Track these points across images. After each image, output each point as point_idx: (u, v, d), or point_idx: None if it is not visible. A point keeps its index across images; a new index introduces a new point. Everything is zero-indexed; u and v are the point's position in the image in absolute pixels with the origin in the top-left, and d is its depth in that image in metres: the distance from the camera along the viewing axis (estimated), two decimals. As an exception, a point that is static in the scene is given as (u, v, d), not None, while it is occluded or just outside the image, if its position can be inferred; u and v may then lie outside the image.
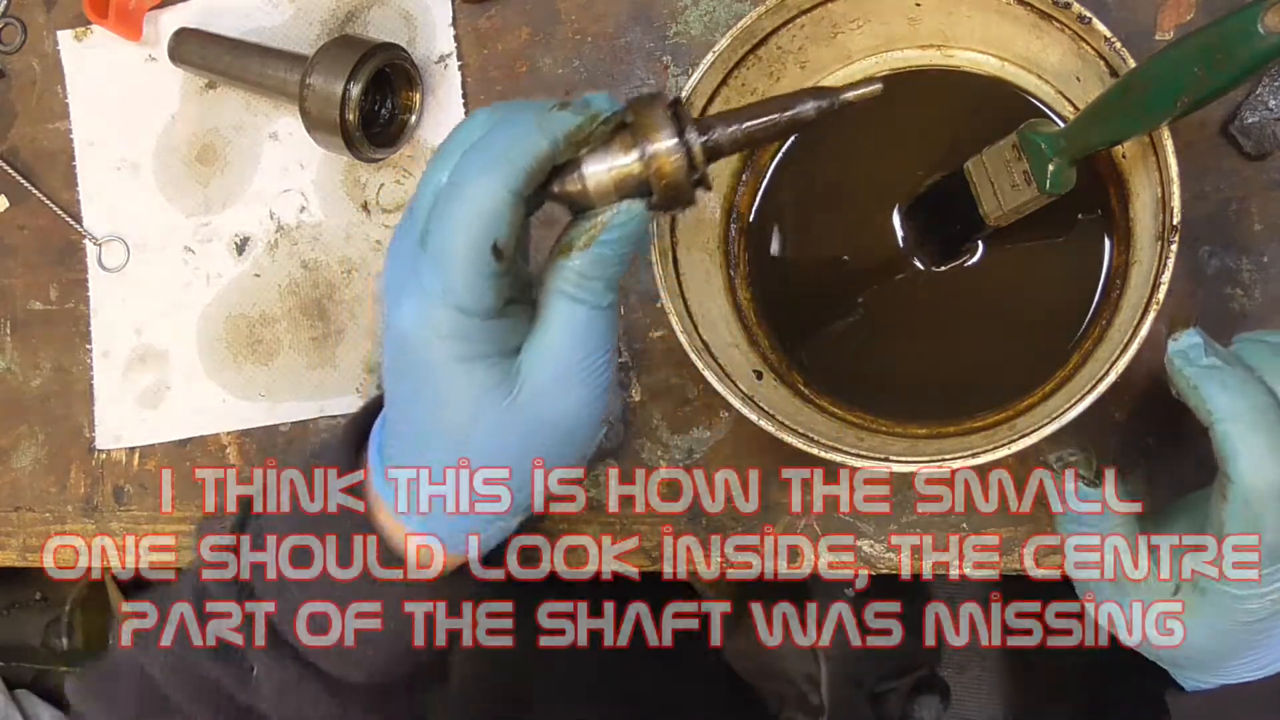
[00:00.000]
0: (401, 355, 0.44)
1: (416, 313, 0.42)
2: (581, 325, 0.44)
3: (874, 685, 1.34)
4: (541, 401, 0.44)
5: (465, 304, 0.42)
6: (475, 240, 0.41)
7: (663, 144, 0.43)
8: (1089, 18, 0.50)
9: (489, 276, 0.42)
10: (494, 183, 0.41)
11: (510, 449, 0.45)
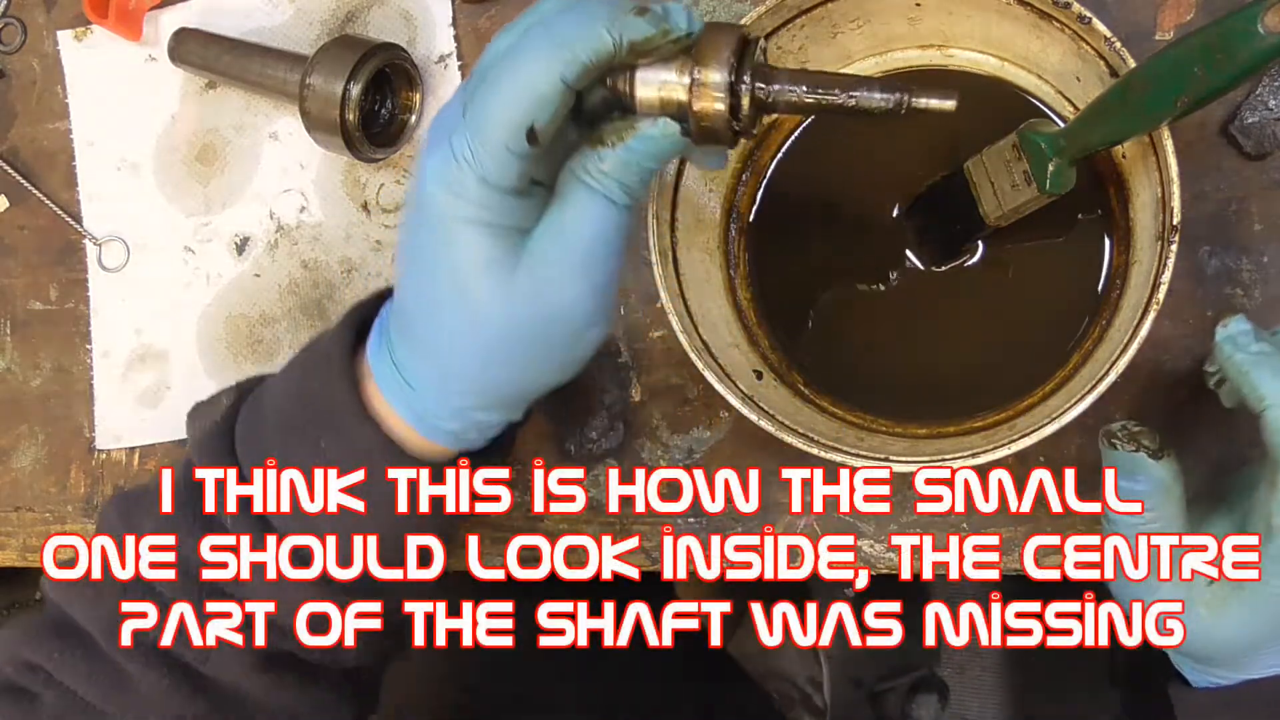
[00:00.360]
0: (419, 209, 0.44)
1: (440, 169, 0.43)
2: (592, 215, 0.44)
3: (873, 685, 1.34)
4: (541, 282, 0.44)
5: (489, 176, 0.42)
6: (513, 118, 0.41)
7: (712, 78, 0.42)
8: (1089, 18, 0.50)
9: (519, 157, 0.42)
10: (547, 66, 0.41)
11: (504, 322, 0.45)
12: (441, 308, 0.45)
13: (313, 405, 0.49)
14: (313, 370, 0.50)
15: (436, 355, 0.47)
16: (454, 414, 0.48)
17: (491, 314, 0.45)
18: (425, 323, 0.46)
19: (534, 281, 0.44)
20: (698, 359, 0.54)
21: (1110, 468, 0.48)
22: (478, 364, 0.46)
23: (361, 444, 0.48)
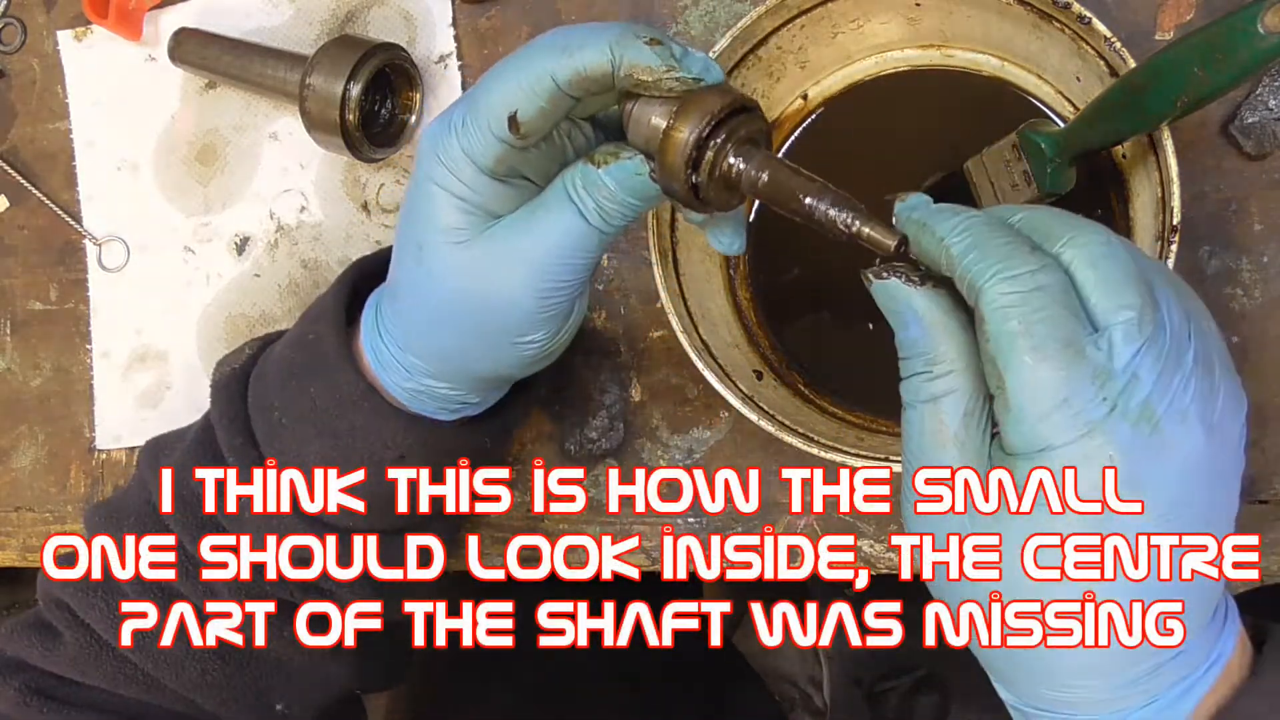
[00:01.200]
0: (416, 161, 0.47)
1: (436, 131, 0.46)
2: (563, 223, 0.46)
3: (873, 685, 1.34)
4: (491, 265, 0.46)
5: (471, 150, 0.45)
6: (499, 102, 0.44)
7: (681, 133, 0.43)
8: (1089, 18, 0.50)
9: (497, 140, 0.44)
10: (542, 63, 0.43)
11: (450, 289, 0.47)
12: (403, 257, 0.48)
13: (307, 354, 0.52)
14: (310, 322, 0.53)
15: (399, 305, 0.50)
16: (408, 372, 0.51)
17: (441, 278, 0.47)
18: (395, 268, 0.49)
19: (485, 261, 0.46)
20: (698, 359, 0.54)
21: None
22: (426, 323, 0.49)
23: (346, 390, 0.51)
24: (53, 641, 0.54)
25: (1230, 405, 0.38)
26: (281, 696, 0.56)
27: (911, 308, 0.40)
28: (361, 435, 0.51)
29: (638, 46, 0.42)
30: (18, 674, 0.54)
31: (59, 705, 0.53)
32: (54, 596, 0.55)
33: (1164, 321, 0.37)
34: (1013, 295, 0.36)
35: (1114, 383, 0.36)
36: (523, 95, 0.43)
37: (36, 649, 0.54)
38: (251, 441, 0.53)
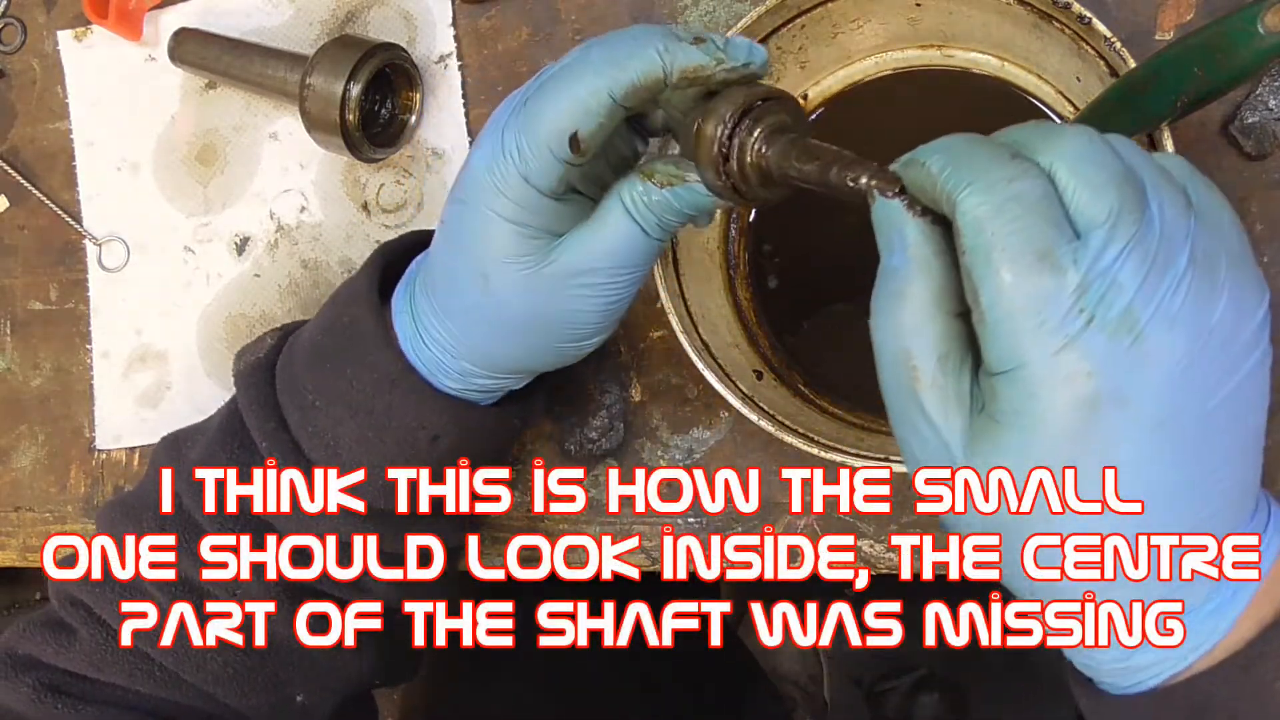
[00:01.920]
0: (465, 188, 0.47)
1: (488, 158, 0.46)
2: (625, 240, 0.47)
3: (873, 685, 1.34)
4: (560, 286, 0.47)
5: (531, 175, 0.45)
6: (558, 124, 0.44)
7: (709, 128, 0.43)
8: (1089, 18, 0.50)
9: (559, 162, 0.44)
10: (596, 80, 0.43)
11: (519, 312, 0.48)
12: (465, 285, 0.48)
13: (342, 337, 0.52)
14: (341, 305, 0.54)
15: (453, 323, 0.50)
16: (458, 375, 0.52)
17: (509, 303, 0.48)
18: (448, 292, 0.50)
19: (554, 284, 0.47)
20: (698, 359, 0.54)
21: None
22: (488, 341, 0.50)
23: (385, 370, 0.51)
24: (68, 639, 0.54)
25: (1239, 304, 0.36)
26: (302, 687, 0.56)
27: (902, 235, 0.38)
28: (398, 415, 0.52)
29: (685, 49, 0.43)
30: (31, 671, 0.54)
31: (74, 701, 0.53)
32: (68, 594, 0.55)
33: (1153, 220, 0.35)
34: (986, 206, 0.35)
35: (1091, 292, 0.34)
36: (581, 114, 0.43)
37: (50, 646, 0.54)
38: (284, 426, 0.53)
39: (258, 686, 0.54)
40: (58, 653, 0.54)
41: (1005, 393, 0.36)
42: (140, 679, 0.53)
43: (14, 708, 0.53)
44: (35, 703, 0.53)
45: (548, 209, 0.46)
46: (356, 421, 0.52)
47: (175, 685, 0.53)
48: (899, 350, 0.38)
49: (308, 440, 0.53)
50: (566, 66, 0.44)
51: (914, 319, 0.37)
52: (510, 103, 0.46)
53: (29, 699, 0.53)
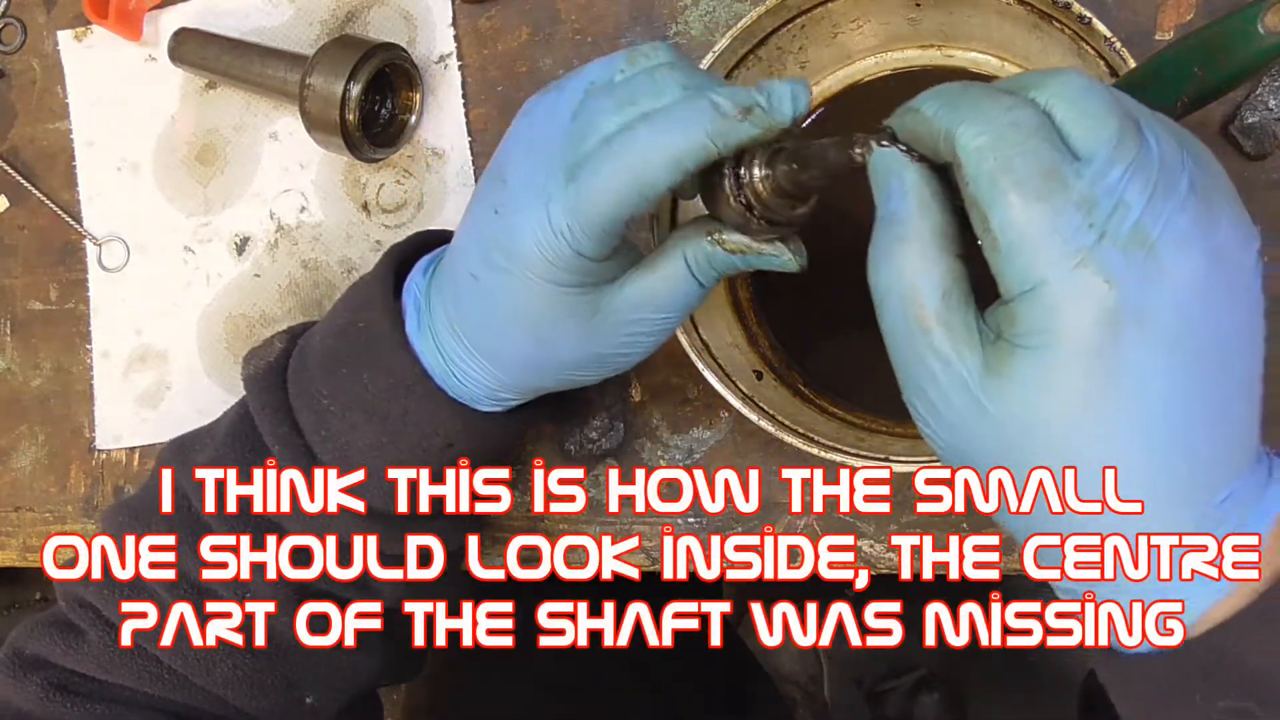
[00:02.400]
0: (506, 255, 0.46)
1: (535, 236, 0.45)
2: (684, 292, 0.48)
3: (873, 685, 1.34)
4: (612, 331, 0.48)
5: (582, 249, 0.45)
6: (618, 213, 0.44)
7: (719, 190, 0.45)
8: (1089, 18, 0.50)
9: (616, 236, 0.45)
10: (649, 172, 0.43)
11: (574, 358, 0.49)
12: (515, 341, 0.49)
13: (357, 341, 0.52)
14: (355, 309, 0.53)
15: (497, 367, 0.50)
16: (485, 395, 0.52)
17: (563, 352, 0.49)
18: (494, 342, 0.49)
19: (613, 329, 0.48)
20: (698, 359, 0.54)
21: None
22: (536, 380, 0.51)
23: (400, 375, 0.51)
24: (76, 640, 0.54)
25: (1236, 234, 0.37)
26: (312, 688, 0.56)
27: (901, 180, 0.38)
28: (413, 421, 0.52)
29: (736, 126, 0.43)
30: (39, 671, 0.54)
31: (83, 700, 0.53)
32: (77, 596, 0.55)
33: (1151, 148, 0.36)
34: (985, 136, 0.36)
35: (1100, 209, 0.35)
36: (641, 203, 0.44)
37: (59, 647, 0.54)
38: (296, 430, 0.53)
39: (267, 689, 0.54)
40: (66, 653, 0.54)
41: (1025, 314, 0.36)
42: (148, 681, 0.53)
43: (22, 707, 0.53)
44: (44, 701, 0.53)
45: (598, 269, 0.46)
46: (371, 426, 0.52)
47: (184, 688, 0.53)
48: (904, 291, 0.38)
49: (320, 445, 0.53)
50: (617, 149, 0.43)
51: (917, 260, 0.38)
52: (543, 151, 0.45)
53: (37, 698, 0.53)
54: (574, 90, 0.46)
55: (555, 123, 0.46)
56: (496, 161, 0.48)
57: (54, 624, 0.55)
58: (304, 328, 0.57)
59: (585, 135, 0.45)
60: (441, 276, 0.51)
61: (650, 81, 0.45)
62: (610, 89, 0.45)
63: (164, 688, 0.53)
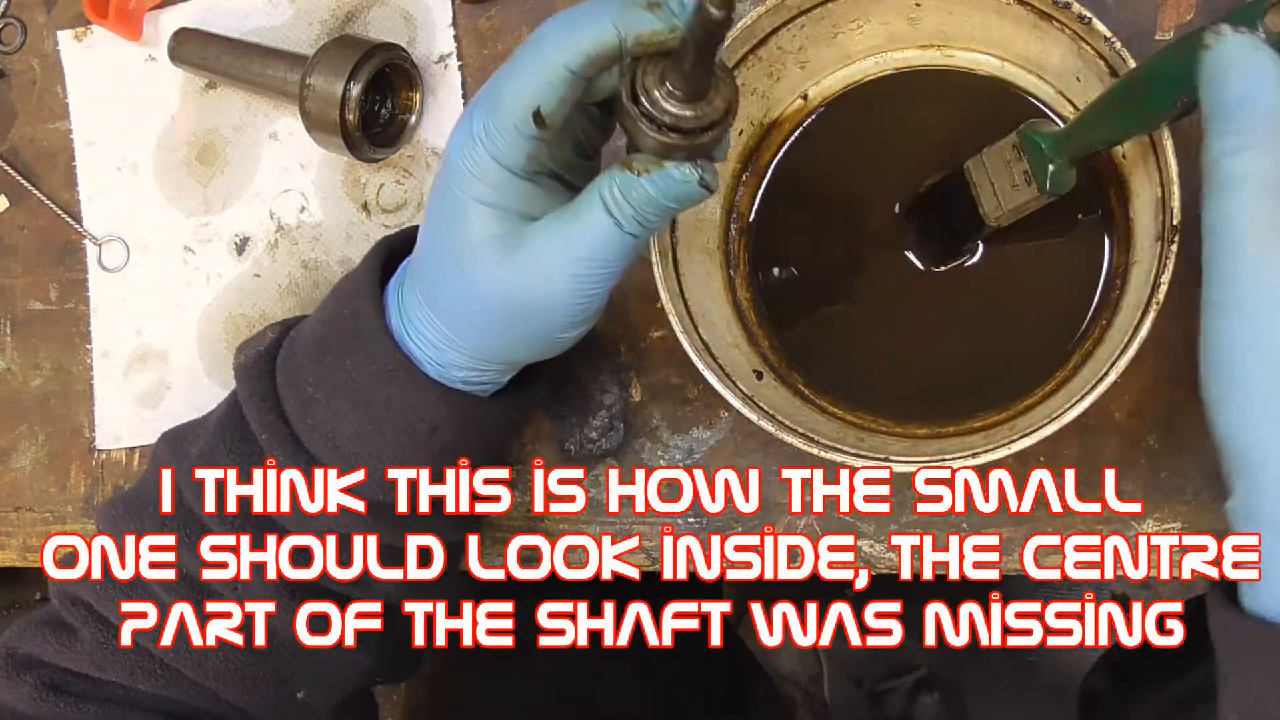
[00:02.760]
0: (441, 178, 0.47)
1: (460, 143, 0.46)
2: (599, 234, 0.46)
3: (874, 685, 1.34)
4: (531, 272, 0.47)
5: (500, 155, 0.45)
6: (520, 100, 0.44)
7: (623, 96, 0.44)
8: (1089, 18, 0.50)
9: (526, 138, 0.45)
10: (553, 54, 0.43)
11: (494, 296, 0.48)
12: (445, 272, 0.49)
13: (343, 329, 0.53)
14: (343, 298, 0.54)
15: (435, 313, 0.50)
16: (439, 367, 0.52)
17: (484, 287, 0.48)
18: (430, 282, 0.50)
19: (526, 269, 0.47)
20: (698, 359, 0.54)
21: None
22: (467, 331, 0.50)
23: (384, 360, 0.51)
24: (69, 638, 0.54)
25: None
26: (303, 684, 0.56)
27: (1267, 65, 0.38)
28: (396, 406, 0.52)
29: (639, 15, 0.43)
30: (31, 670, 0.54)
31: (76, 700, 0.53)
32: (70, 594, 0.55)
33: None
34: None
35: None
36: (543, 89, 0.44)
37: (51, 645, 0.54)
38: (283, 418, 0.53)
39: (259, 683, 0.54)
40: (59, 652, 0.54)
41: None
42: (141, 677, 0.53)
43: (15, 707, 0.53)
44: (37, 701, 0.53)
45: (519, 190, 0.46)
46: (356, 414, 0.52)
47: (177, 683, 0.53)
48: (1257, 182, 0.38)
49: (307, 433, 0.53)
50: (528, 42, 0.45)
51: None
52: (484, 87, 0.47)
53: (30, 698, 0.53)
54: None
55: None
56: None
57: (46, 623, 0.55)
58: (297, 320, 0.57)
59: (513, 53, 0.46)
60: (414, 255, 0.52)
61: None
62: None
63: (157, 683, 0.53)
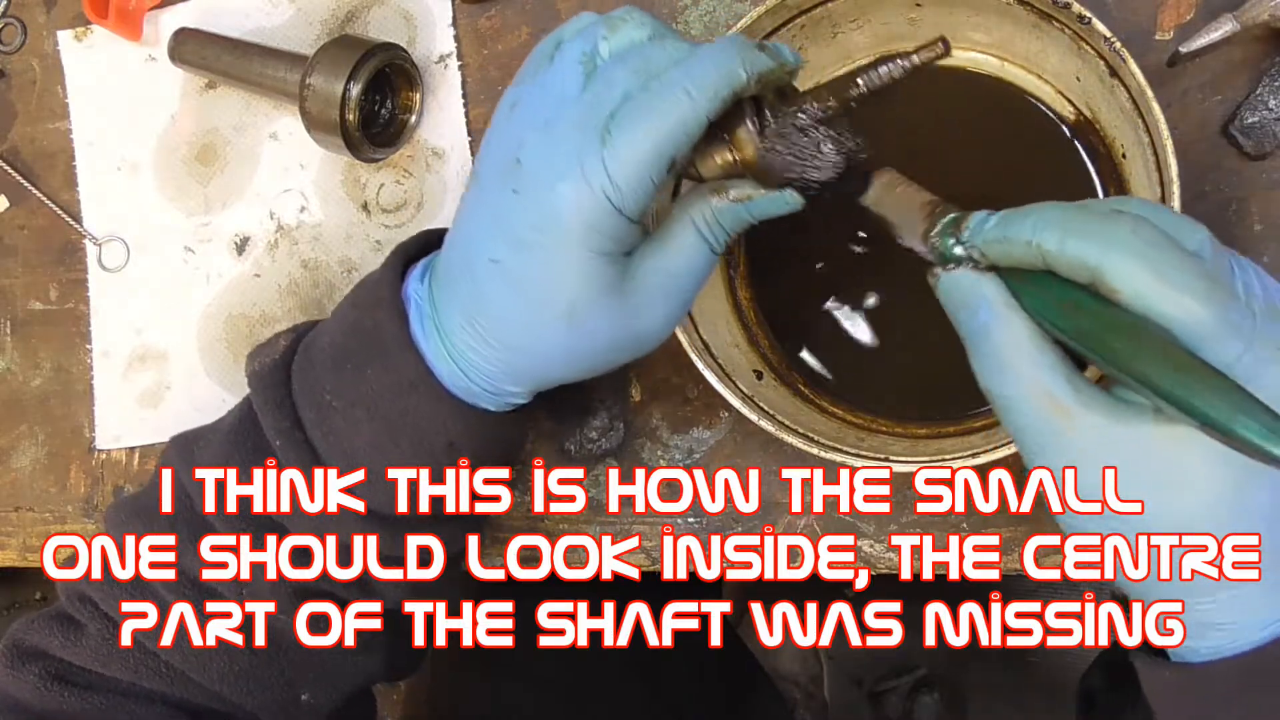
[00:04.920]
0: (541, 228, 0.46)
1: (574, 200, 0.44)
2: (695, 257, 0.48)
3: (874, 685, 1.34)
4: (638, 308, 0.48)
5: (625, 205, 0.45)
6: (660, 156, 0.44)
7: (740, 129, 0.46)
8: (1089, 18, 0.50)
9: (657, 189, 0.45)
10: (696, 106, 0.44)
11: (602, 342, 0.48)
12: (542, 327, 0.48)
13: (362, 338, 0.52)
14: (363, 308, 0.53)
15: (517, 358, 0.49)
16: (492, 394, 0.51)
17: (600, 334, 0.48)
18: (514, 334, 0.48)
19: (634, 307, 0.48)
20: (698, 359, 0.54)
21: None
22: (558, 370, 0.50)
23: (405, 374, 0.51)
24: (76, 633, 0.54)
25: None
26: (308, 686, 0.56)
27: (982, 294, 0.42)
28: (414, 419, 0.51)
29: (759, 57, 0.45)
30: (36, 661, 0.54)
31: (80, 690, 0.53)
32: (77, 591, 0.55)
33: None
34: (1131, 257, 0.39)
35: (1241, 295, 0.39)
36: (683, 140, 0.44)
37: (57, 639, 0.54)
38: (299, 426, 0.53)
39: (264, 685, 0.54)
40: (64, 645, 0.54)
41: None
42: (145, 675, 0.53)
43: (20, 697, 0.53)
44: (41, 691, 0.53)
45: (631, 233, 0.46)
46: (373, 425, 0.51)
47: (181, 683, 0.54)
48: (1031, 392, 0.41)
49: (322, 441, 0.53)
50: (655, 95, 0.44)
51: (1032, 359, 0.41)
52: (563, 124, 0.45)
53: (34, 687, 0.53)
54: (567, 66, 0.46)
55: (565, 98, 0.46)
56: (497, 153, 0.48)
57: (54, 617, 0.56)
58: (308, 326, 0.57)
59: (605, 98, 0.45)
60: (449, 273, 0.50)
61: (660, 47, 0.46)
62: (622, 58, 0.46)
63: (161, 682, 0.53)
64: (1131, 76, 0.49)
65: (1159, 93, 0.49)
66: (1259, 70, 0.56)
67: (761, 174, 0.47)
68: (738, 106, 0.45)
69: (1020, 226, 0.41)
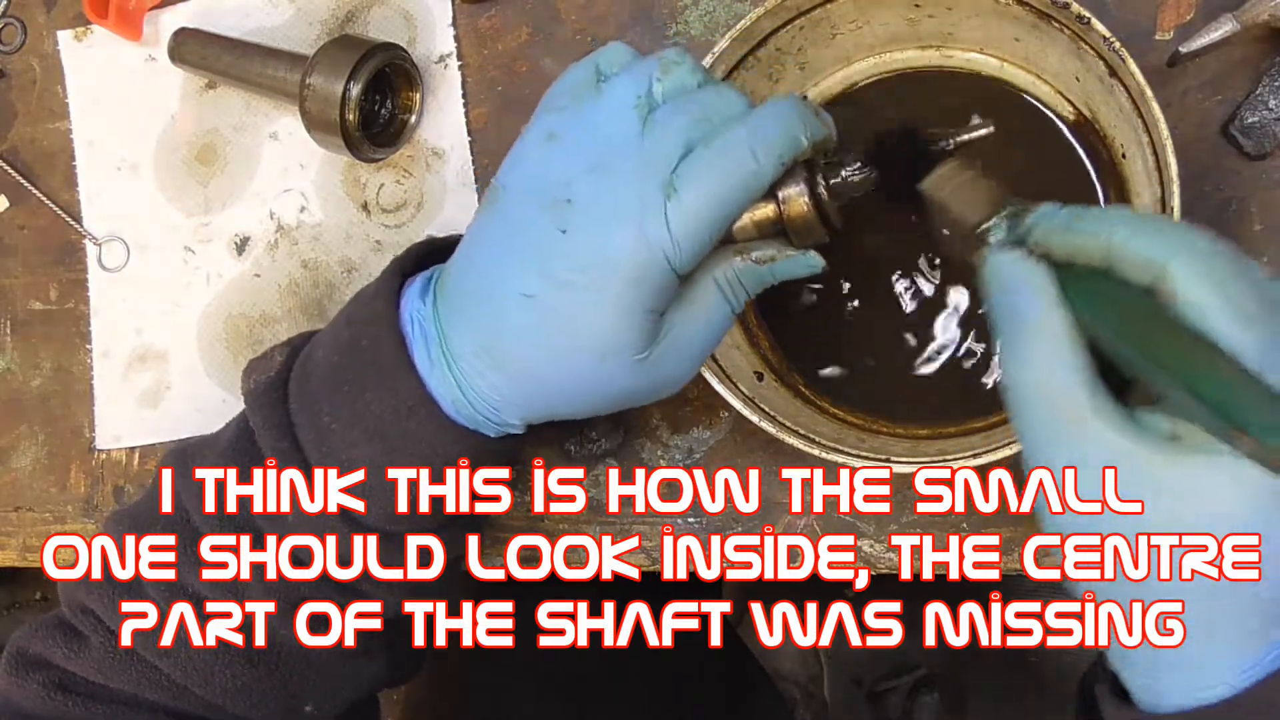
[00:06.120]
0: (585, 270, 0.45)
1: (630, 251, 0.45)
2: (718, 317, 0.49)
3: (874, 685, 1.34)
4: (662, 362, 0.48)
5: (680, 265, 0.45)
6: (725, 217, 0.45)
7: (792, 188, 0.47)
8: (1088, 18, 0.50)
9: (708, 249, 0.46)
10: (761, 170, 0.45)
11: (625, 390, 0.49)
12: (573, 364, 0.47)
13: (360, 359, 0.52)
14: (360, 326, 0.52)
15: (532, 385, 0.49)
16: (496, 423, 0.51)
17: (622, 381, 0.48)
18: (543, 364, 0.48)
19: (655, 360, 0.48)
20: (698, 359, 0.54)
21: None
22: (571, 404, 0.50)
23: (404, 397, 0.50)
24: (79, 644, 0.54)
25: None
26: (312, 697, 0.56)
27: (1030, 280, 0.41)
28: (413, 442, 0.51)
29: (816, 123, 0.46)
30: (40, 670, 0.54)
31: (83, 699, 0.53)
32: (79, 602, 0.55)
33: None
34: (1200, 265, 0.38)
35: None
36: (745, 203, 0.45)
37: (60, 649, 0.54)
38: (297, 445, 0.52)
39: (267, 698, 0.54)
40: (68, 656, 0.54)
41: None
42: (147, 687, 0.53)
43: (23, 705, 0.53)
44: (45, 700, 0.53)
45: (675, 288, 0.47)
46: (372, 445, 0.51)
47: (183, 695, 0.53)
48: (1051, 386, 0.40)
49: (320, 461, 0.52)
50: (722, 155, 0.45)
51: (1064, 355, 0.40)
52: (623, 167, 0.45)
53: (38, 696, 0.53)
54: (619, 107, 0.46)
55: (619, 142, 0.46)
56: (535, 185, 0.47)
57: (57, 626, 0.55)
58: (303, 339, 0.56)
59: (667, 149, 0.45)
60: (462, 297, 0.49)
61: (717, 96, 0.46)
62: (679, 107, 0.46)
63: (163, 694, 0.53)
64: (1131, 76, 0.49)
65: (1159, 93, 0.49)
66: (1259, 70, 0.56)
67: (803, 231, 0.48)
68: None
69: (1091, 217, 0.41)
